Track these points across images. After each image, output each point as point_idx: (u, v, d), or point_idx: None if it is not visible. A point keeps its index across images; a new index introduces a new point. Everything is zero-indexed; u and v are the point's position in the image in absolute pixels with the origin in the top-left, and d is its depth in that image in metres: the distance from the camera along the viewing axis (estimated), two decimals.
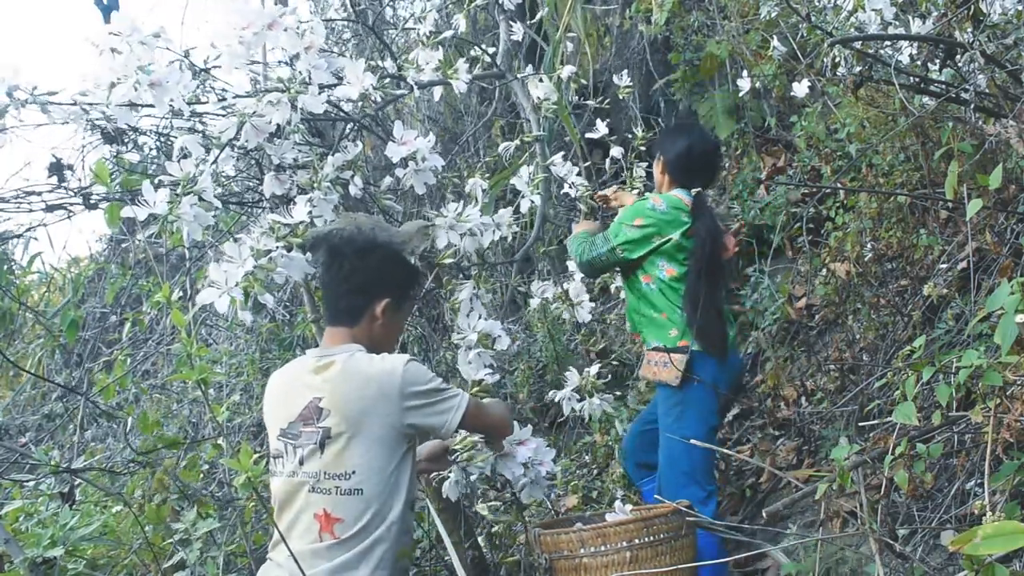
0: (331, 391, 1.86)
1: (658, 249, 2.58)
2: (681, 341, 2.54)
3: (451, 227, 2.20)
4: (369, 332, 1.96)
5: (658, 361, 2.59)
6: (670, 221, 2.58)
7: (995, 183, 1.83)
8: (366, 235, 2.00)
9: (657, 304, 2.60)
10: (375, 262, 1.97)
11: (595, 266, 2.67)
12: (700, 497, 2.46)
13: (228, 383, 4.14)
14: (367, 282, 1.96)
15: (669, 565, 1.93)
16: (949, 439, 2.26)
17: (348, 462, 1.83)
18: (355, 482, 1.83)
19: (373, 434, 1.84)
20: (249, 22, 1.91)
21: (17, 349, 4.87)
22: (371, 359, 1.89)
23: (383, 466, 1.84)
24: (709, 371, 2.54)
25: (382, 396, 1.84)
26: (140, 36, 1.86)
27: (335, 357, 1.90)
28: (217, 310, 1.83)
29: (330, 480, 1.83)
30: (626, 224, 2.60)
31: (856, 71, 2.48)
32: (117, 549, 2.80)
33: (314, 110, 1.98)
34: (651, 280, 2.61)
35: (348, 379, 1.87)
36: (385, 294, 1.96)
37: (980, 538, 1.21)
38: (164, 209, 1.76)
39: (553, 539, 1.97)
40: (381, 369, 1.86)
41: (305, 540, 1.83)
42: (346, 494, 1.82)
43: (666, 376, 2.55)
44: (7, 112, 1.82)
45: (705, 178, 2.72)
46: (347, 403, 1.85)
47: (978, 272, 2.62)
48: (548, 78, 2.91)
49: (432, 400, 1.89)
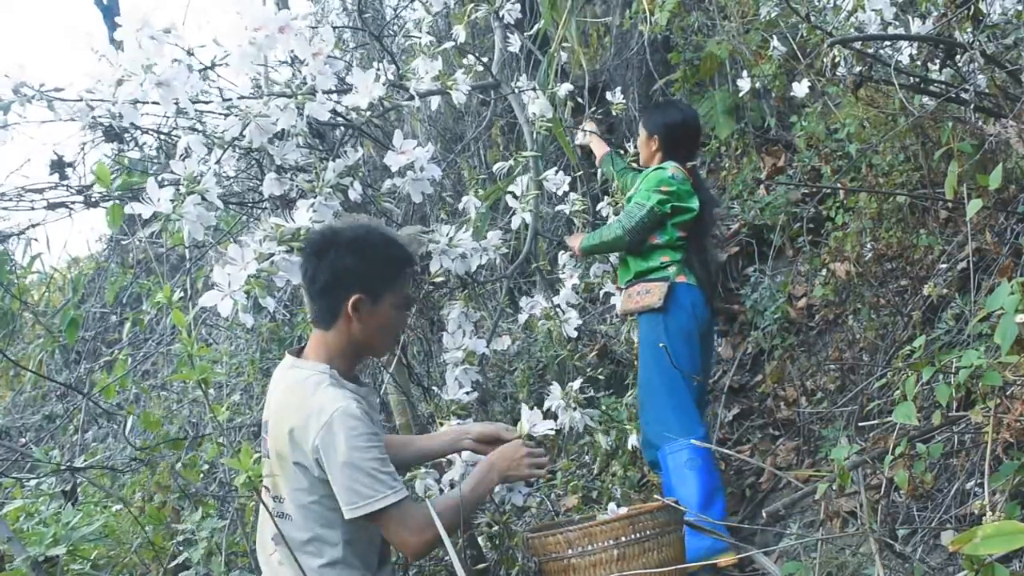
0: (272, 412, 1.82)
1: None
2: (680, 276, 2.78)
3: (443, 252, 2.26)
4: (347, 334, 1.83)
5: (639, 291, 2.81)
6: (686, 190, 2.83)
7: (995, 183, 1.83)
8: (329, 230, 1.87)
9: (654, 253, 2.84)
10: (334, 258, 1.80)
11: (639, 231, 2.83)
12: (690, 429, 2.60)
13: (228, 383, 4.15)
14: (330, 280, 1.80)
15: (657, 561, 1.93)
16: (949, 439, 2.26)
17: (280, 487, 1.79)
18: (286, 508, 1.78)
19: (291, 468, 1.76)
20: (261, 24, 1.91)
21: (17, 349, 4.86)
22: (316, 391, 1.75)
23: (307, 501, 1.76)
24: (696, 299, 2.79)
25: (300, 432, 1.73)
26: (150, 31, 1.86)
27: (293, 376, 1.82)
28: (219, 312, 1.83)
29: (271, 499, 1.79)
30: (654, 190, 2.81)
31: (856, 71, 2.48)
32: (117, 549, 2.81)
33: (320, 117, 1.99)
34: (655, 238, 2.85)
35: (283, 405, 1.80)
36: (353, 290, 1.80)
37: (980, 538, 1.21)
38: (168, 208, 1.76)
39: (541, 542, 1.98)
40: (311, 407, 1.73)
41: (266, 548, 1.84)
42: (280, 516, 1.79)
43: (648, 301, 2.76)
44: (10, 108, 1.82)
45: (693, 150, 3.03)
46: (275, 429, 1.79)
47: (978, 272, 2.62)
48: (543, 93, 2.95)
49: (343, 469, 1.69)
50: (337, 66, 2.14)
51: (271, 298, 1.91)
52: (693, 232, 2.86)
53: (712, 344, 3.09)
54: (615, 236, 2.84)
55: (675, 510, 2.03)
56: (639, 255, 2.86)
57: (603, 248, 2.95)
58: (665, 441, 2.65)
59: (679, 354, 2.68)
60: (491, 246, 2.42)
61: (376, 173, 3.80)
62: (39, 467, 2.66)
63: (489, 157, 4.85)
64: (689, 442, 2.54)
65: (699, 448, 2.58)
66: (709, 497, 2.63)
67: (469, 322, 2.48)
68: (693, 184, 2.89)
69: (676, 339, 2.72)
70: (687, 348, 2.74)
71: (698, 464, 2.61)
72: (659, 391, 2.72)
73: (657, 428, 2.70)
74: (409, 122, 4.93)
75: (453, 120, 5.27)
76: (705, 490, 2.63)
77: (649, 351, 2.76)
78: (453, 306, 2.49)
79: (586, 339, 4.30)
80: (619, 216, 2.90)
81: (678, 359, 2.65)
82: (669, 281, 2.76)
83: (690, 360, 2.73)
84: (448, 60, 2.94)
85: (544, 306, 2.88)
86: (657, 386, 2.73)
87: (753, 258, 4.04)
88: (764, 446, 3.36)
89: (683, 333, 2.75)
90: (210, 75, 2.09)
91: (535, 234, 2.92)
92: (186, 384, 4.20)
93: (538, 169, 2.94)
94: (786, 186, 3.96)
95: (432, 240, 2.28)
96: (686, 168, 2.91)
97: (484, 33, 4.52)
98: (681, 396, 2.70)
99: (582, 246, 2.96)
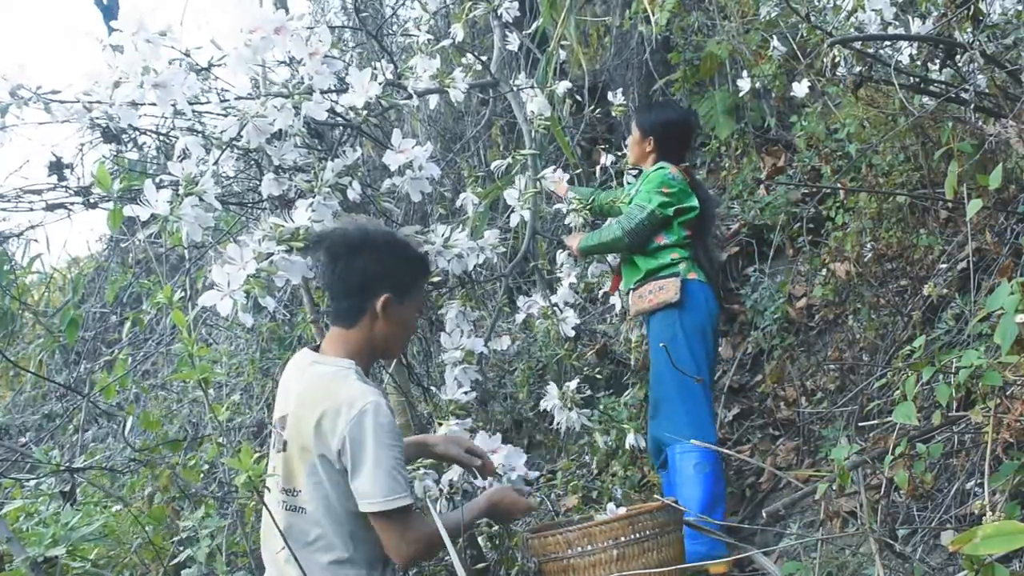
0: (294, 406, 1.81)
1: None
2: (690, 273, 2.79)
3: (439, 253, 2.26)
4: (370, 333, 1.84)
5: (652, 289, 2.80)
6: (684, 190, 2.84)
7: (995, 183, 1.83)
8: (360, 231, 1.89)
9: (663, 252, 2.84)
10: (370, 256, 1.84)
11: (638, 233, 2.82)
12: (702, 432, 2.58)
13: (228, 383, 4.15)
14: (364, 279, 1.83)
15: (657, 561, 1.93)
16: (949, 439, 2.26)
17: (296, 480, 1.78)
18: (301, 501, 1.78)
19: (313, 461, 1.76)
20: (257, 26, 1.91)
21: (17, 349, 4.86)
22: (342, 386, 1.76)
23: (326, 493, 1.76)
24: (708, 295, 2.80)
25: (327, 426, 1.72)
26: (146, 34, 1.86)
27: (316, 371, 1.83)
28: (219, 312, 1.83)
29: (283, 492, 1.80)
30: (655, 192, 2.81)
31: (856, 71, 2.48)
32: (117, 549, 2.80)
33: (317, 116, 1.99)
34: (662, 238, 2.85)
35: (308, 399, 1.78)
36: (383, 289, 1.82)
37: (980, 538, 1.21)
38: (165, 209, 1.76)
39: (541, 542, 1.98)
40: (340, 401, 1.73)
41: (270, 545, 1.84)
42: (291, 510, 1.79)
43: (664, 297, 2.75)
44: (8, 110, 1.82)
45: (688, 150, 3.06)
46: (298, 422, 1.78)
47: (978, 272, 2.62)
48: (541, 91, 2.95)
49: (367, 465, 1.70)
50: (336, 66, 2.13)
51: (271, 298, 1.90)
52: (697, 230, 2.87)
53: (718, 341, 3.09)
54: (614, 237, 2.83)
55: (674, 510, 2.03)
56: (647, 254, 2.85)
57: (602, 249, 2.94)
58: (676, 441, 2.64)
59: (695, 351, 2.67)
60: (488, 245, 2.42)
61: (375, 172, 3.80)
62: (39, 467, 2.66)
63: (489, 156, 4.85)
64: (701, 445, 2.50)
65: (710, 453, 2.57)
66: (712, 504, 2.62)
67: (467, 321, 2.48)
68: (690, 183, 2.90)
69: (692, 336, 2.72)
70: (702, 345, 2.73)
71: (706, 469, 2.60)
72: (671, 391, 2.70)
73: (668, 427, 2.69)
74: (409, 121, 4.93)
75: (453, 119, 5.26)
76: (710, 496, 2.62)
77: (664, 350, 2.73)
78: (451, 306, 2.49)
79: (586, 339, 4.30)
80: (619, 217, 2.89)
81: (694, 356, 2.64)
82: (681, 277, 2.76)
83: (706, 357, 2.72)
84: (447, 59, 2.94)
85: (542, 305, 2.87)
86: (669, 386, 2.71)
87: (753, 258, 4.04)
88: (764, 446, 3.36)
89: (699, 330, 2.75)
90: (208, 76, 2.09)
91: (533, 233, 2.92)
92: (186, 384, 4.20)
93: (536, 167, 2.93)
94: (786, 186, 3.96)
95: (428, 241, 2.28)
96: (681, 168, 2.92)
97: (483, 32, 4.52)
98: (694, 397, 2.68)
99: (580, 247, 2.95)
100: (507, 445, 2.19)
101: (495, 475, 2.07)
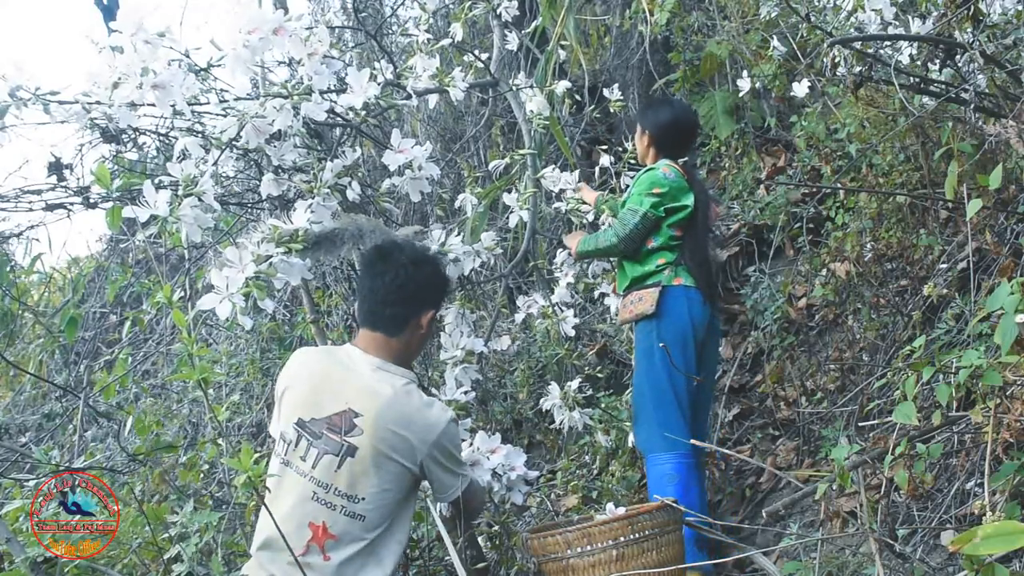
0: (374, 414, 1.86)
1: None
2: (676, 279, 2.75)
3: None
4: (408, 342, 1.97)
5: (633, 299, 2.79)
6: (680, 188, 2.79)
7: (995, 183, 1.83)
8: (418, 246, 2.06)
9: (650, 257, 2.80)
10: (428, 273, 1.99)
11: (633, 238, 2.80)
12: (673, 445, 2.57)
13: (228, 383, 4.15)
14: (419, 293, 1.96)
15: (656, 561, 1.94)
16: (949, 439, 2.26)
17: (361, 487, 1.84)
18: (362, 508, 1.83)
19: (393, 470, 1.86)
20: (255, 27, 1.91)
21: (17, 349, 4.87)
22: (422, 402, 1.92)
23: (390, 501, 1.86)
24: (694, 304, 2.73)
25: (417, 440, 1.87)
26: (145, 35, 1.86)
27: (390, 381, 1.91)
28: (218, 314, 1.83)
29: (339, 497, 1.83)
30: (646, 194, 2.78)
31: (856, 71, 2.48)
32: (117, 549, 2.80)
33: (316, 117, 1.99)
34: (650, 241, 2.82)
35: (393, 411, 1.87)
36: (431, 306, 1.99)
37: (980, 538, 1.21)
38: (165, 210, 1.76)
39: (540, 542, 1.98)
40: (427, 417, 1.90)
41: (291, 544, 1.83)
42: (349, 516, 1.82)
43: (642, 308, 2.73)
44: (7, 111, 1.82)
45: (689, 148, 3.02)
46: (381, 431, 1.85)
47: (978, 272, 2.62)
48: (541, 91, 2.94)
49: (451, 466, 1.94)
50: (335, 66, 2.13)
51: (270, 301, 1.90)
52: (689, 230, 2.82)
53: (717, 343, 3.06)
54: (609, 244, 2.81)
55: (674, 510, 2.04)
56: (636, 260, 2.83)
57: (598, 254, 2.93)
58: (649, 451, 2.65)
59: (674, 359, 2.66)
60: (483, 248, 2.42)
61: (375, 173, 3.80)
62: (39, 467, 2.66)
63: (489, 156, 4.84)
64: (671, 455, 2.56)
65: (681, 464, 2.58)
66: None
67: (466, 322, 2.48)
68: (688, 180, 2.87)
69: (672, 346, 2.69)
70: (681, 354, 2.70)
71: (676, 480, 2.59)
72: (648, 403, 2.69)
73: (643, 436, 2.70)
74: (408, 121, 4.93)
75: (453, 119, 5.26)
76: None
77: (644, 359, 2.74)
78: (450, 307, 2.50)
79: (586, 338, 4.30)
80: (614, 223, 2.87)
81: (674, 366, 2.62)
82: (661, 286, 2.73)
83: (684, 365, 2.70)
84: (446, 58, 2.93)
85: (542, 305, 2.87)
86: (647, 398, 2.70)
87: (753, 258, 4.03)
88: (764, 446, 3.36)
89: (679, 339, 2.71)
90: (208, 76, 2.09)
91: (533, 233, 2.92)
92: (186, 384, 4.20)
93: (536, 167, 2.92)
94: (786, 186, 3.96)
95: (423, 246, 2.28)
96: (680, 165, 2.89)
97: (483, 32, 4.52)
98: (668, 411, 2.65)
99: (578, 250, 2.94)
100: (507, 445, 2.20)
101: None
